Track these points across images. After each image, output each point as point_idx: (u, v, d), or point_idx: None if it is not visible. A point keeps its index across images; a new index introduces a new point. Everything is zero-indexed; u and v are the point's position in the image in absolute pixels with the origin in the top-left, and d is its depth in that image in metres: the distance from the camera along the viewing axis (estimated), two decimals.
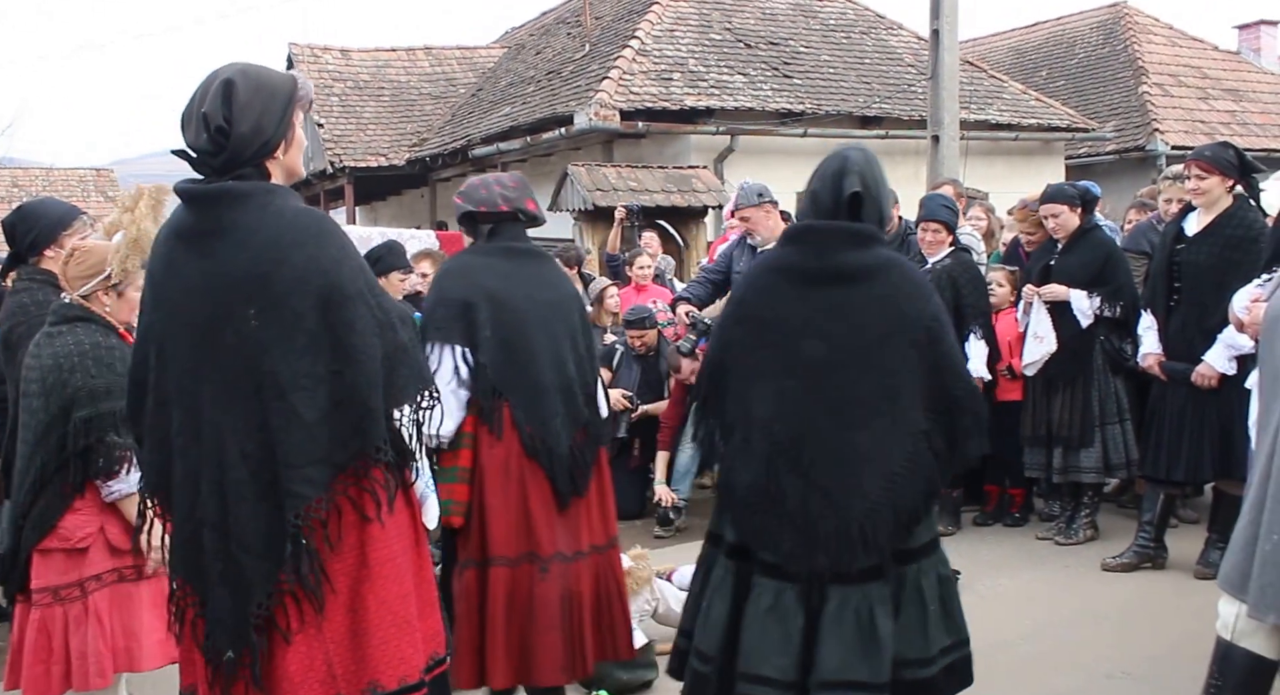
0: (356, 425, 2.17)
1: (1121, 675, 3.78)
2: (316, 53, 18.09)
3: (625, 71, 12.54)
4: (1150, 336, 4.85)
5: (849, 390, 2.56)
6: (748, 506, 2.61)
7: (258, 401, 2.14)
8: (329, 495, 2.16)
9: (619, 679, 3.69)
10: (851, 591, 2.53)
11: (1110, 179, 14.21)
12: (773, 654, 2.53)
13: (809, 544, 2.53)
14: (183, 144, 2.24)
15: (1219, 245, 4.50)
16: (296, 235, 2.18)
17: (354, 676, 2.19)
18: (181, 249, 2.22)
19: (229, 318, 2.15)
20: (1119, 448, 5.28)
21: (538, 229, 3.49)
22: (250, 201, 2.19)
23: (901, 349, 2.57)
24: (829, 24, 15.03)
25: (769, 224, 5.71)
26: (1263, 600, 2.67)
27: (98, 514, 3.12)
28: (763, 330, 2.66)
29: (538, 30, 18.64)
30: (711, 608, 2.64)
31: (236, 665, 2.15)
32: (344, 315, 2.17)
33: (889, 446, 2.55)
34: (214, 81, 2.21)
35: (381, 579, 2.22)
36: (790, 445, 2.57)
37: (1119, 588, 4.75)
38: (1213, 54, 18.74)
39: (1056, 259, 5.39)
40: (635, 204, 9.42)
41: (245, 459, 2.15)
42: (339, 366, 2.16)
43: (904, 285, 2.64)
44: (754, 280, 2.78)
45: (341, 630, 2.20)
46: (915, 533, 2.61)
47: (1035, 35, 20.99)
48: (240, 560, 2.14)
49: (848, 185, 2.65)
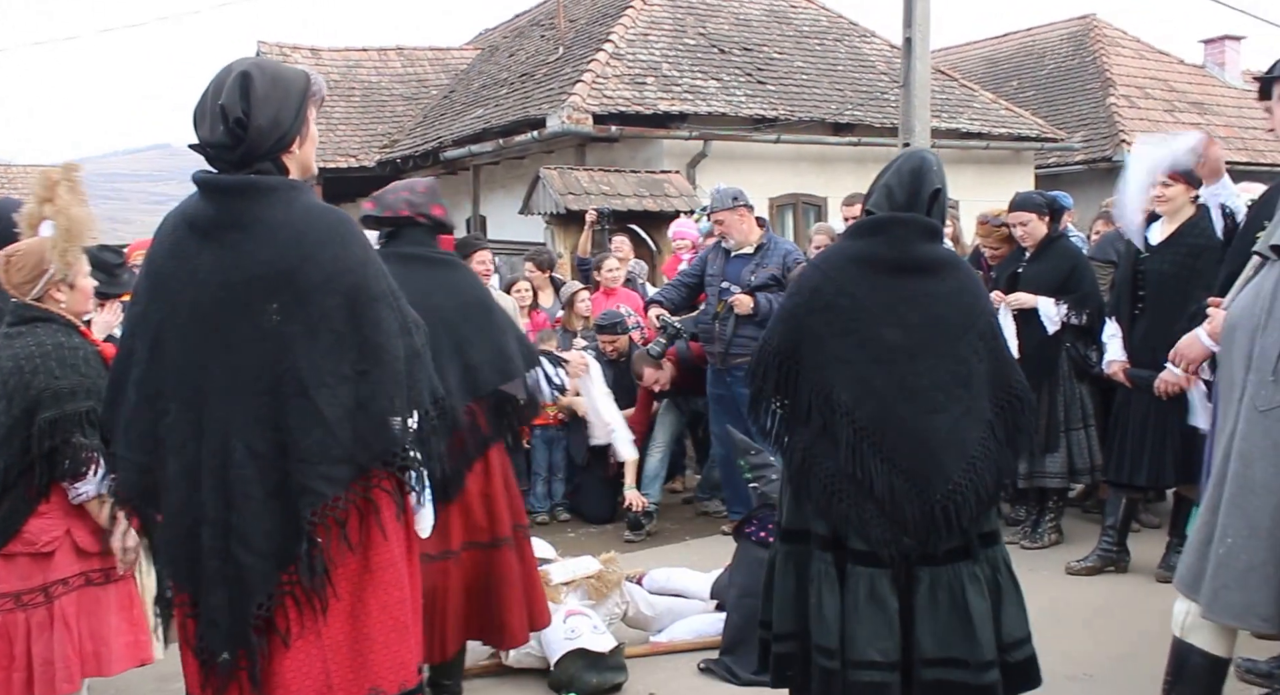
0: (380, 426, 2.16)
1: (1084, 676, 3.82)
2: (286, 52, 17.94)
3: (599, 75, 12.55)
4: (1115, 344, 4.91)
5: (927, 377, 2.67)
6: (833, 494, 2.67)
7: (273, 398, 2.11)
8: (348, 495, 2.13)
9: (589, 682, 3.69)
10: (940, 571, 2.65)
11: (1078, 189, 14.36)
12: (877, 638, 2.62)
13: (896, 527, 2.62)
14: (196, 139, 2.22)
15: (1182, 254, 4.57)
16: (323, 233, 2.17)
17: (352, 684, 2.16)
18: (194, 240, 2.18)
19: (247, 311, 2.12)
20: (1083, 453, 5.34)
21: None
22: (275, 196, 2.17)
23: (971, 340, 2.71)
24: (803, 30, 15.11)
25: (743, 227, 5.77)
26: (1215, 602, 2.72)
27: (64, 517, 3.07)
28: (843, 318, 2.72)
29: (511, 32, 18.61)
30: (824, 604, 2.68)
31: (232, 667, 2.11)
32: (371, 315, 2.17)
33: (965, 432, 2.68)
34: (230, 75, 2.19)
35: (385, 584, 2.21)
36: (874, 430, 2.65)
37: (1083, 591, 4.80)
38: (1179, 67, 19.04)
39: (1024, 267, 5.44)
40: (606, 208, 9.44)
41: (254, 456, 2.10)
42: (366, 366, 2.15)
43: (969, 281, 2.82)
44: (829, 270, 2.82)
45: (341, 637, 2.16)
46: (990, 517, 2.74)
47: (1006, 46, 21.23)
48: (241, 559, 2.10)
49: (930, 183, 2.79)
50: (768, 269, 5.68)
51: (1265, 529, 2.62)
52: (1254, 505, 2.66)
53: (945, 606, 2.63)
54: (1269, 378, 2.66)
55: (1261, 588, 2.63)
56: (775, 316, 2.92)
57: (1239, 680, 3.61)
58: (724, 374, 5.85)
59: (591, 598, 4.08)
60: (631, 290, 7.53)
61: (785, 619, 2.80)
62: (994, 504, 2.74)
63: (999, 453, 2.72)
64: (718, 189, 5.95)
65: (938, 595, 2.64)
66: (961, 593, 2.63)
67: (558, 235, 10.45)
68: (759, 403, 2.84)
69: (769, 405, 2.82)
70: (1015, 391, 2.76)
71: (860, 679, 2.62)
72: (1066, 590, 4.80)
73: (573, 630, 3.78)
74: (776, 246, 5.82)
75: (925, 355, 2.68)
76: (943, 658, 2.61)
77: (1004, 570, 2.75)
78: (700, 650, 4.10)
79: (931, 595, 2.64)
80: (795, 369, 2.75)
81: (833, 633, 2.66)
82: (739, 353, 5.71)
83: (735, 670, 3.85)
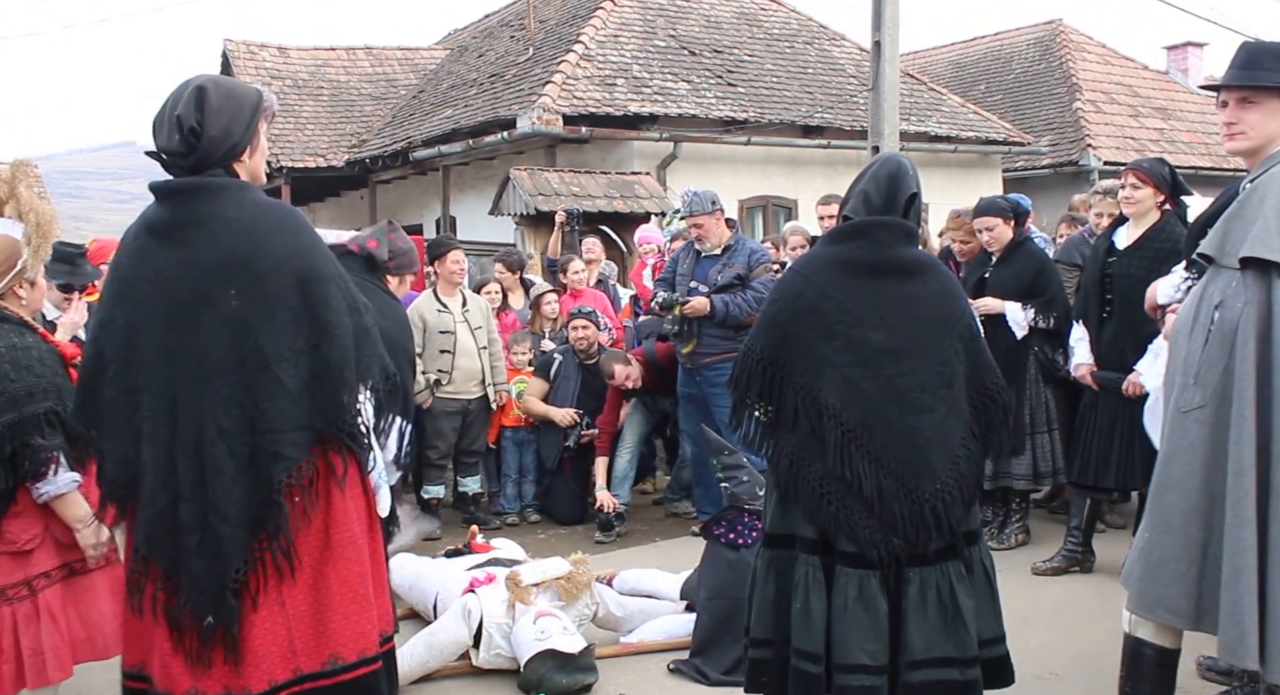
0: (332, 395, 2.34)
1: (1050, 676, 3.86)
2: (253, 50, 17.80)
3: (569, 76, 12.54)
4: (1083, 347, 4.94)
5: (913, 378, 2.69)
6: (821, 497, 2.68)
7: (239, 376, 2.29)
8: (310, 459, 2.32)
9: (558, 682, 3.68)
10: (930, 571, 2.66)
11: (1045, 192, 14.56)
12: (865, 641, 2.62)
13: (885, 528, 2.63)
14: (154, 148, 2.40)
15: (1149, 258, 4.61)
16: (273, 222, 2.37)
17: (314, 650, 2.34)
18: (154, 242, 2.38)
19: (208, 300, 2.30)
20: (1046, 457, 5.40)
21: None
22: (225, 194, 2.36)
23: (951, 341, 2.75)
24: (773, 33, 15.17)
25: (719, 230, 5.89)
26: (1135, 596, 2.84)
27: (40, 516, 3.05)
28: (826, 321, 2.74)
29: (481, 32, 18.54)
30: (810, 608, 2.68)
31: (214, 630, 2.28)
32: (320, 294, 2.35)
33: (950, 431, 2.71)
34: (186, 89, 2.39)
35: (344, 560, 2.37)
36: (862, 432, 2.67)
37: (1048, 591, 4.85)
38: (1143, 73, 19.31)
39: (991, 272, 5.48)
40: (576, 209, 9.43)
41: (223, 434, 2.28)
42: (317, 340, 2.33)
43: (949, 284, 2.85)
44: (811, 275, 2.83)
45: (304, 608, 2.34)
46: (971, 515, 2.76)
47: (974, 50, 21.41)
48: (219, 530, 2.27)
49: (907, 187, 2.80)
50: (733, 268, 5.79)
51: (1178, 526, 2.74)
52: (1168, 502, 2.78)
53: (934, 606, 2.65)
54: (1190, 381, 2.77)
55: (1173, 582, 2.74)
56: (757, 323, 2.92)
57: (1200, 678, 3.66)
58: (694, 373, 5.87)
59: (562, 599, 4.07)
60: (601, 291, 7.53)
61: (762, 625, 2.80)
62: (974, 502, 2.78)
63: (978, 451, 2.76)
64: (693, 192, 5.99)
65: (927, 595, 2.65)
66: (950, 591, 2.66)
67: (528, 236, 10.43)
68: (741, 409, 2.85)
69: (752, 412, 2.83)
70: (991, 392, 2.80)
71: (849, 684, 2.62)
72: (1032, 590, 4.84)
73: (543, 631, 3.77)
74: (743, 246, 5.94)
75: (910, 357, 2.70)
76: (930, 658, 2.62)
77: (983, 568, 2.78)
78: (670, 651, 4.11)
79: (921, 596, 2.65)
80: (780, 374, 2.76)
81: (817, 637, 2.66)
82: (708, 352, 5.75)
83: (705, 670, 3.86)
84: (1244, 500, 2.61)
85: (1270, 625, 2.58)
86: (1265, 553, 2.60)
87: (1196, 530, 2.72)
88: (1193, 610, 2.73)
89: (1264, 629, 2.58)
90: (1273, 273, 2.64)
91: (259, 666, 2.30)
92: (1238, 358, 2.66)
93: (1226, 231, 2.78)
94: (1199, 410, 2.73)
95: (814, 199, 7.38)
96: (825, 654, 2.65)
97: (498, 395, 6.36)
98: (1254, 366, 2.64)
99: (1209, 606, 2.70)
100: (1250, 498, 2.60)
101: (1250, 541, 2.60)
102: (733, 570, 3.85)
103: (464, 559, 4.53)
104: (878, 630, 2.62)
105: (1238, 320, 2.67)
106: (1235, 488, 2.63)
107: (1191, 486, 2.73)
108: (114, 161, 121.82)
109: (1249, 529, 2.60)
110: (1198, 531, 2.71)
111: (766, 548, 2.84)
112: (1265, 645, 2.58)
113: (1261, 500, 2.61)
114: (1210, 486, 2.69)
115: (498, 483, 6.74)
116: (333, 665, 2.35)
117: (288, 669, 2.32)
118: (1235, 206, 2.80)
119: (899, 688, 2.65)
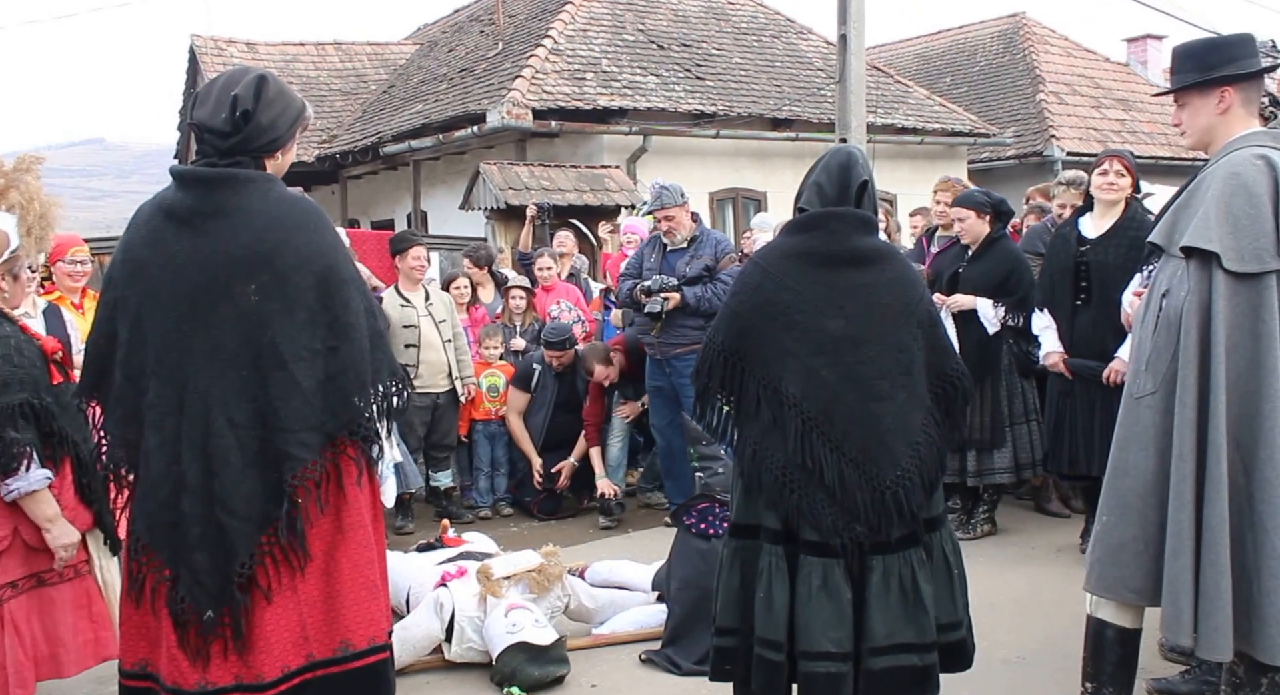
0: (347, 397, 2.34)
1: (1017, 659, 3.92)
2: (221, 45, 17.63)
3: (538, 70, 12.52)
4: (1050, 336, 4.96)
5: (872, 366, 2.71)
6: (784, 486, 2.70)
7: (253, 371, 2.27)
8: (321, 460, 2.31)
9: (531, 674, 3.70)
10: (892, 559, 2.69)
11: (1010, 183, 14.66)
12: (829, 628, 2.64)
13: (847, 515, 2.66)
14: (192, 118, 2.41)
15: (1125, 246, 4.64)
16: (298, 219, 2.36)
17: (326, 637, 2.33)
18: (171, 228, 2.33)
19: (227, 292, 2.28)
20: (1026, 447, 5.39)
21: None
22: (253, 187, 2.35)
23: (910, 328, 2.77)
24: (740, 27, 15.21)
25: (687, 222, 5.97)
26: (1094, 576, 2.91)
27: (9, 516, 2.96)
28: (786, 312, 2.76)
29: (450, 27, 18.47)
30: (773, 597, 2.70)
31: (215, 624, 2.25)
32: (341, 296, 2.35)
33: (909, 418, 2.73)
34: (246, 74, 2.41)
35: (354, 544, 2.37)
36: (822, 420, 2.69)
37: (1014, 577, 4.92)
38: (1104, 65, 19.51)
39: (964, 267, 5.49)
40: (546, 202, 9.43)
41: (233, 426, 2.26)
42: (335, 342, 2.33)
43: (907, 271, 2.88)
44: (769, 267, 2.85)
45: (315, 593, 2.33)
46: (934, 501, 2.79)
47: (939, 43, 21.56)
48: (224, 523, 2.25)
49: (857, 175, 2.82)
50: (701, 259, 5.85)
51: (1135, 508, 2.82)
52: (1125, 486, 2.86)
53: (896, 593, 2.68)
54: (1142, 367, 2.85)
55: (1132, 563, 2.82)
56: (719, 315, 2.95)
57: (1162, 658, 3.74)
58: (663, 364, 5.91)
59: (533, 591, 4.09)
60: (574, 285, 7.54)
61: (728, 614, 2.82)
62: (937, 488, 2.80)
63: (940, 437, 2.79)
64: (661, 186, 6.02)
65: (890, 583, 2.68)
66: (912, 579, 2.69)
67: (499, 230, 10.42)
68: (705, 400, 2.87)
69: (715, 403, 2.85)
70: (951, 378, 2.83)
71: (814, 670, 2.64)
72: (999, 577, 4.91)
73: (514, 624, 3.79)
74: (709, 238, 6.01)
75: (869, 344, 2.72)
76: (892, 645, 2.65)
77: (943, 554, 2.80)
78: (642, 641, 4.13)
79: (884, 583, 2.68)
80: (741, 365, 2.78)
81: (780, 625, 2.68)
82: (678, 343, 5.78)
83: (676, 660, 3.89)
84: (1183, 484, 2.70)
85: (1201, 603, 2.67)
86: (1200, 534, 2.68)
87: (1153, 511, 2.79)
88: (1152, 588, 2.80)
89: (1197, 607, 2.67)
90: (1213, 262, 2.70)
91: (271, 653, 2.28)
92: (1181, 345, 2.73)
93: (1174, 222, 2.85)
94: (1150, 396, 2.81)
95: (783, 191, 7.43)
96: (788, 642, 2.68)
97: (465, 388, 6.38)
98: (1195, 354, 2.71)
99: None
100: (1189, 482, 2.69)
101: (1188, 523, 2.68)
102: (703, 560, 3.87)
103: (435, 553, 4.53)
104: (841, 618, 2.65)
105: (1181, 308, 2.75)
106: (1177, 471, 2.71)
107: (1146, 469, 2.81)
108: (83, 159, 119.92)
109: (1187, 511, 2.69)
110: (1154, 513, 2.79)
111: (732, 537, 2.86)
112: (1196, 621, 2.67)
113: (1199, 484, 2.69)
114: (1164, 469, 2.76)
115: (470, 476, 6.75)
116: (344, 652, 2.35)
117: (300, 655, 2.31)
118: (1184, 197, 2.88)
119: (861, 674, 2.68)
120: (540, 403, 6.52)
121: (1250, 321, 2.68)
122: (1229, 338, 2.68)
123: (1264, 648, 2.66)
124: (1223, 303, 2.69)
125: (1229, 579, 2.64)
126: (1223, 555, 2.64)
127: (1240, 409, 2.67)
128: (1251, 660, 2.75)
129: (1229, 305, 2.69)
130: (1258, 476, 2.66)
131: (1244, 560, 2.67)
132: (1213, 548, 2.65)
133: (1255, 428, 2.67)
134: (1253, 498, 2.67)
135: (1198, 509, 2.68)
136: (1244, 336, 2.68)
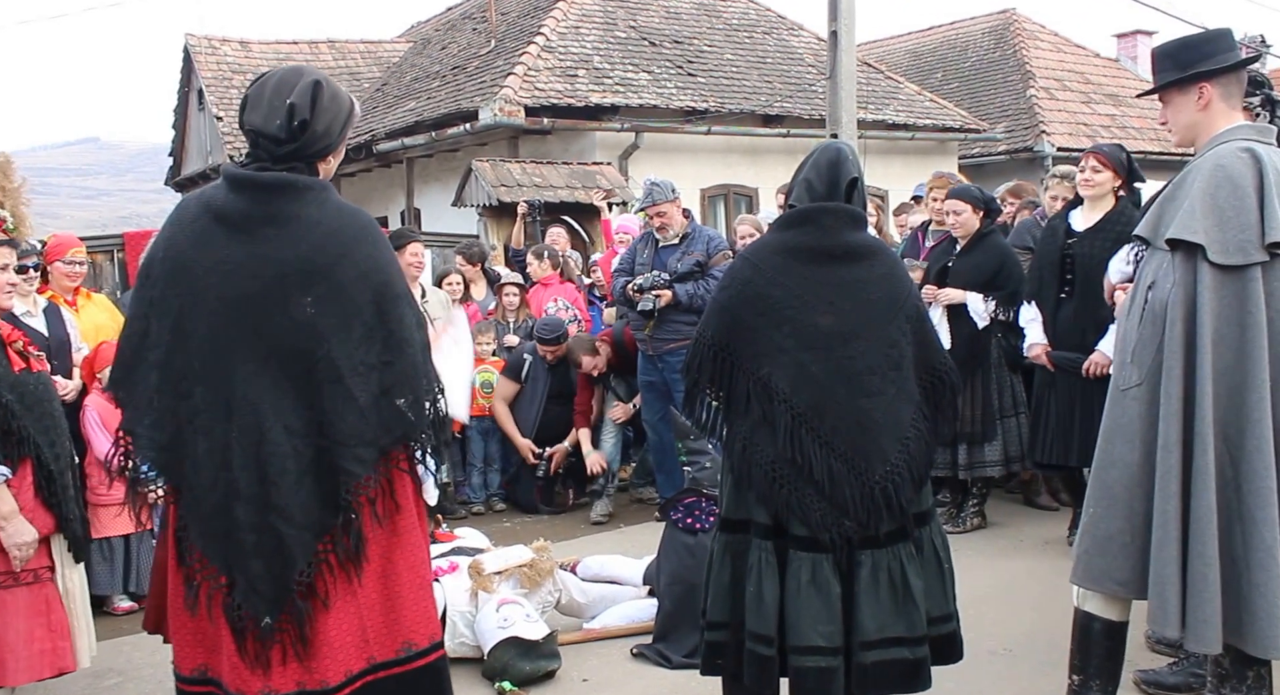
0: (401, 413, 2.32)
1: (1004, 651, 3.95)
2: (215, 44, 17.61)
3: (530, 68, 12.52)
4: (1035, 328, 5.00)
5: (861, 361, 2.72)
6: (773, 481, 2.71)
7: (308, 382, 2.25)
8: (376, 475, 2.29)
9: (522, 669, 3.71)
10: (881, 554, 2.70)
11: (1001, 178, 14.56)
12: (819, 622, 2.65)
13: (836, 510, 2.67)
14: (244, 122, 2.35)
15: (1110, 241, 4.66)
16: (357, 232, 2.34)
17: (386, 638, 2.33)
18: (222, 231, 2.28)
19: (282, 301, 2.24)
20: (1015, 440, 5.42)
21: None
22: (310, 195, 2.32)
23: (899, 323, 2.78)
24: (732, 24, 15.22)
25: (679, 218, 5.99)
26: (1081, 568, 2.92)
27: None
28: (776, 307, 2.77)
29: (443, 25, 18.45)
30: (763, 591, 2.71)
31: (274, 630, 2.23)
32: (396, 312, 2.33)
33: (899, 413, 2.74)
34: (300, 77, 2.36)
35: (409, 545, 2.37)
36: (812, 416, 2.70)
37: (1002, 569, 4.94)
38: (1094, 61, 19.56)
39: (954, 261, 5.52)
40: (538, 199, 9.43)
41: (289, 434, 2.24)
42: (390, 357, 2.31)
43: (896, 267, 2.89)
44: (759, 262, 2.86)
45: (374, 596, 2.32)
46: (923, 496, 2.80)
47: (930, 39, 21.58)
48: (280, 531, 2.23)
49: (847, 172, 2.83)
50: (693, 255, 5.87)
51: (1122, 500, 2.83)
52: (1112, 478, 2.87)
53: (886, 588, 2.68)
54: (1128, 360, 2.87)
55: (1119, 554, 2.84)
56: (709, 310, 2.95)
57: (1150, 650, 3.76)
58: (655, 360, 5.93)
59: (524, 586, 4.10)
60: (567, 281, 7.55)
61: (718, 608, 2.83)
62: (926, 483, 2.81)
63: (929, 432, 2.80)
64: (652, 182, 6.03)
65: (879, 578, 2.69)
66: (901, 573, 2.69)
67: (491, 227, 10.43)
68: (694, 395, 2.87)
69: (705, 398, 2.86)
70: (939, 373, 2.84)
71: (805, 664, 2.65)
72: (987, 569, 4.93)
73: (505, 619, 3.80)
74: (700, 234, 6.03)
75: (858, 340, 2.73)
76: (882, 639, 2.66)
77: (933, 548, 2.82)
78: (633, 636, 4.15)
79: (873, 578, 2.69)
80: (731, 360, 2.79)
81: (770, 620, 2.69)
82: (670, 339, 5.81)
83: (667, 654, 3.90)
84: (1169, 475, 2.71)
85: (1190, 595, 2.67)
86: (1187, 526, 2.69)
87: (1140, 503, 2.80)
88: (1139, 581, 2.81)
89: (1184, 599, 2.68)
90: (1198, 255, 2.72)
91: (334, 659, 2.26)
92: (1167, 337, 2.74)
93: (1160, 214, 2.87)
94: (1136, 388, 2.82)
95: (775, 187, 7.44)
96: (779, 637, 2.68)
97: None
98: (1181, 346, 2.72)
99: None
100: (1175, 473, 2.70)
101: (1174, 515, 2.70)
102: (691, 555, 3.89)
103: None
104: (831, 612, 2.66)
105: (1167, 300, 2.76)
106: (1163, 463, 2.72)
107: (1132, 462, 2.81)
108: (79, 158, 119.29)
109: (1173, 503, 2.70)
110: (1140, 505, 2.80)
111: (722, 532, 2.87)
112: (1184, 614, 2.68)
113: (1185, 475, 2.70)
114: (1150, 462, 2.77)
115: (463, 472, 6.76)
116: (407, 651, 2.34)
117: (362, 658, 2.30)
118: (1170, 190, 2.89)
119: (852, 668, 2.68)
120: (533, 395, 6.52)
121: (1237, 313, 2.69)
122: (1215, 330, 2.69)
123: (1254, 641, 2.67)
124: (1208, 295, 2.70)
125: (1217, 571, 2.65)
126: (1210, 547, 2.65)
127: (1228, 400, 2.69)
128: (1238, 652, 2.77)
129: (1215, 297, 2.70)
130: (1245, 467, 2.68)
131: (1233, 552, 2.68)
132: (1200, 539, 2.66)
133: (1242, 419, 2.68)
134: (1240, 489, 2.68)
135: (1184, 501, 2.70)
136: (1230, 328, 2.69)
